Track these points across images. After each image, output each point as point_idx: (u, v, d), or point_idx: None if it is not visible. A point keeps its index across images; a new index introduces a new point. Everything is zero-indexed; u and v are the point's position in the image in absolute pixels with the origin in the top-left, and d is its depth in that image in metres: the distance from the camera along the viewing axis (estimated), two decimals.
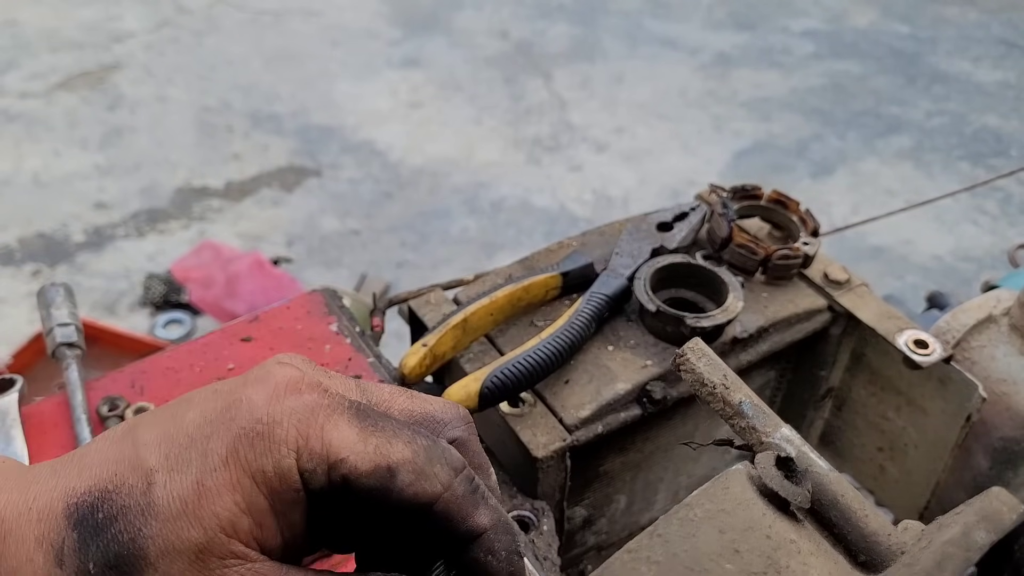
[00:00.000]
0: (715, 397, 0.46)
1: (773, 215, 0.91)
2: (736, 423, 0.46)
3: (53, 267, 2.70)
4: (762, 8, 4.36)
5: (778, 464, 0.42)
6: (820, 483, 0.43)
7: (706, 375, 0.47)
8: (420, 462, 0.37)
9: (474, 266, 2.12)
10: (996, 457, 0.81)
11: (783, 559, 0.39)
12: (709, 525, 0.39)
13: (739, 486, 0.42)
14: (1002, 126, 3.54)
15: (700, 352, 0.47)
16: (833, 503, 0.43)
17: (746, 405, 0.46)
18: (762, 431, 0.45)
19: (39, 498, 0.36)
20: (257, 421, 0.36)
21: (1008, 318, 0.83)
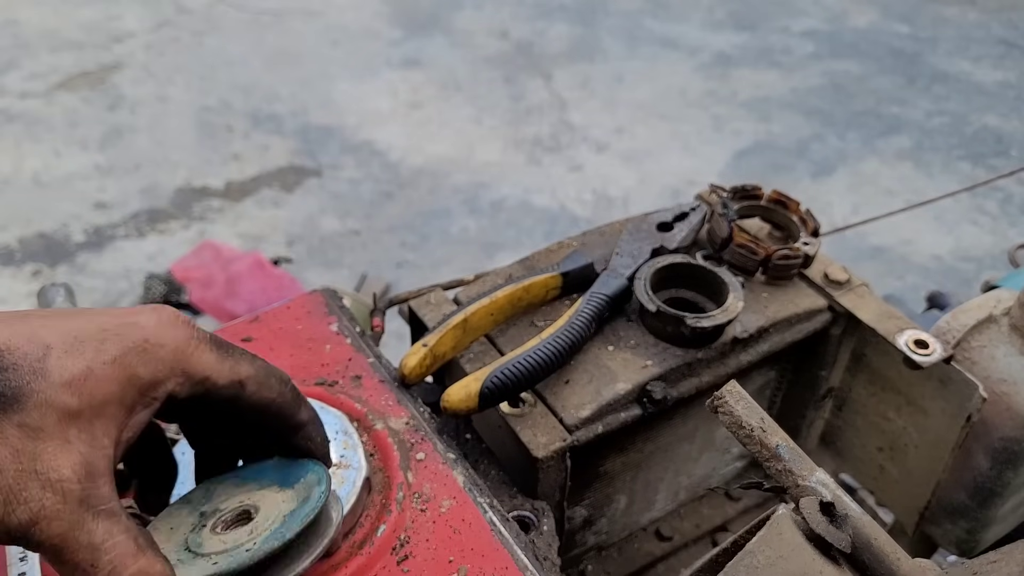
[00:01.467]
0: (752, 440, 0.48)
1: (773, 215, 0.91)
2: (772, 466, 0.48)
3: (53, 267, 2.70)
4: (762, 8, 4.36)
5: (822, 509, 0.44)
6: (855, 527, 0.45)
7: (744, 418, 0.48)
8: (261, 376, 0.52)
9: (474, 266, 2.12)
10: (996, 457, 0.81)
11: None
12: (770, 572, 0.42)
13: (789, 531, 0.44)
14: (1002, 126, 3.54)
15: (738, 395, 0.49)
16: (867, 546, 0.45)
17: (783, 448, 0.47)
18: (798, 475, 0.47)
19: None
20: (145, 340, 0.47)
21: (1008, 318, 0.83)
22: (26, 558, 0.63)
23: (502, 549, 0.61)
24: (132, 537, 0.43)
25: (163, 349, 0.47)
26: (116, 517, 0.43)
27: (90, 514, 0.42)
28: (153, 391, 0.47)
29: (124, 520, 0.44)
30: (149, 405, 0.47)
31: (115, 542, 0.42)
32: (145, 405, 0.47)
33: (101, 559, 0.42)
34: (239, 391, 0.50)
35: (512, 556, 0.61)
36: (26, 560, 0.63)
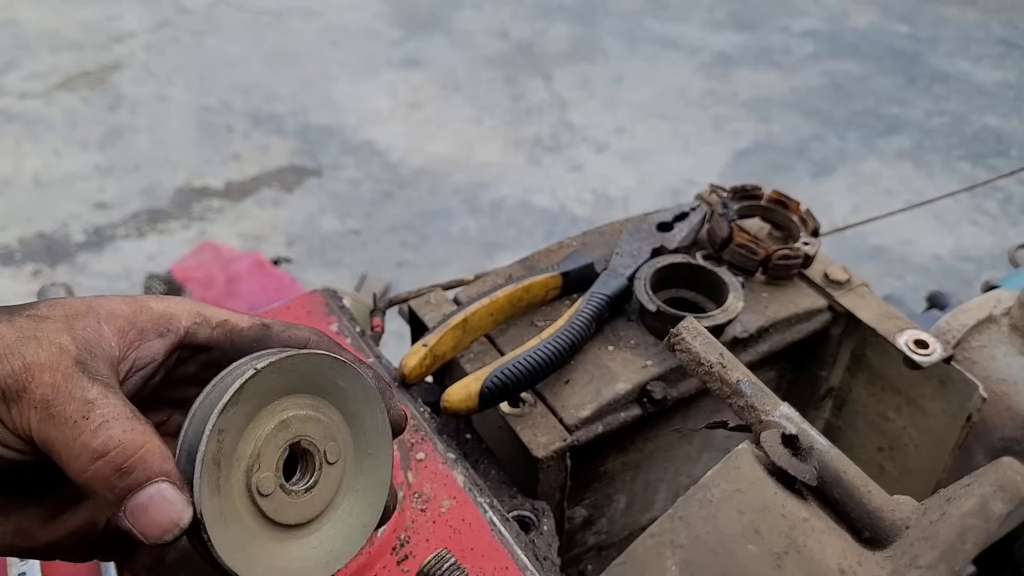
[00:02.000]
0: (712, 376, 0.46)
1: (773, 215, 0.91)
2: (734, 402, 0.45)
3: (53, 267, 2.70)
4: (762, 8, 4.36)
5: (784, 442, 0.42)
6: (823, 459, 0.43)
7: (703, 354, 0.46)
8: (287, 323, 0.49)
9: (474, 266, 2.12)
10: (996, 457, 0.81)
11: (800, 538, 0.39)
12: (728, 506, 0.39)
13: (748, 465, 0.41)
14: (1002, 126, 3.54)
15: (695, 331, 0.47)
16: (836, 481, 0.42)
17: (744, 384, 0.45)
18: (761, 410, 0.44)
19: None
20: (159, 296, 0.47)
21: (1008, 318, 0.83)
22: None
23: (502, 549, 0.61)
24: (129, 408, 0.41)
25: (175, 298, 0.47)
26: (112, 388, 0.41)
27: (85, 375, 0.40)
28: (166, 322, 0.45)
29: (122, 396, 0.41)
30: (163, 335, 0.45)
31: (109, 402, 0.40)
32: (159, 334, 0.45)
33: (93, 412, 0.39)
34: (265, 331, 0.48)
35: (512, 556, 0.61)
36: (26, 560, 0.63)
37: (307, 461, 0.45)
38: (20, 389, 0.39)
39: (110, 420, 0.39)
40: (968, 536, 0.37)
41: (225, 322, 0.47)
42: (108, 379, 0.41)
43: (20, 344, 0.40)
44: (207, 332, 0.47)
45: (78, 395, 0.39)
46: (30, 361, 0.39)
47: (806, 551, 0.38)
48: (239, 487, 0.42)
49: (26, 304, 0.44)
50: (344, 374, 0.45)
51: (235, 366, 0.44)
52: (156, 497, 0.38)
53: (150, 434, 0.40)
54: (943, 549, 0.37)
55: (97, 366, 0.41)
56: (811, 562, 0.38)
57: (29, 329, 0.41)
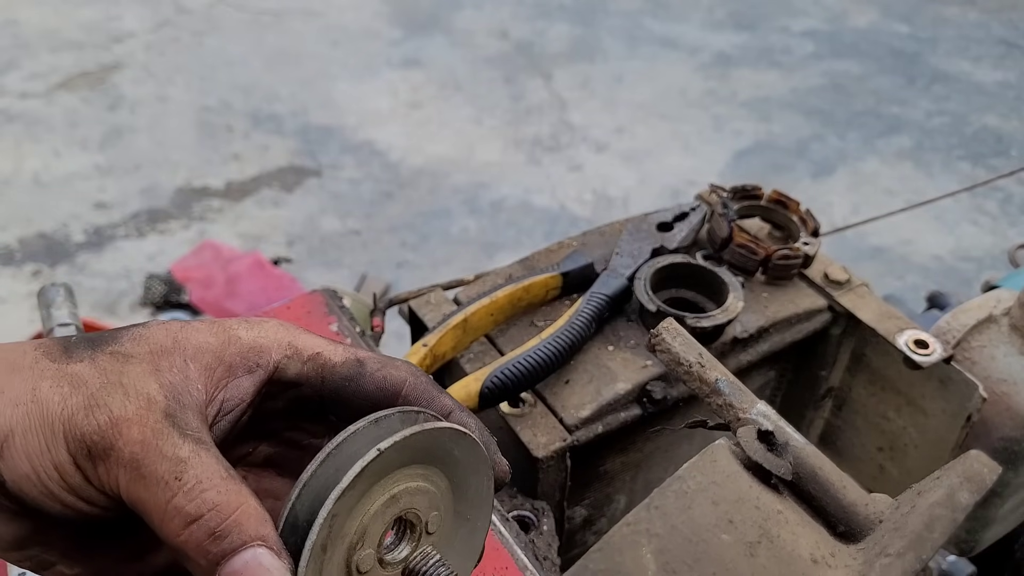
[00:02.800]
0: (691, 376, 0.47)
1: (773, 215, 0.91)
2: (713, 401, 0.46)
3: (53, 267, 2.70)
4: (762, 8, 4.36)
5: (759, 437, 0.43)
6: (798, 455, 0.44)
7: (682, 354, 0.47)
8: (383, 358, 0.45)
9: (474, 266, 2.12)
10: (996, 457, 0.81)
11: (773, 529, 0.40)
12: (702, 497, 0.40)
13: (725, 459, 0.42)
14: (1002, 126, 3.54)
15: (675, 332, 0.48)
16: (811, 476, 0.43)
17: (722, 383, 0.46)
18: (739, 408, 0.46)
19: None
20: (247, 318, 0.45)
21: (1008, 318, 0.83)
22: None
23: (502, 549, 0.61)
24: (223, 466, 0.38)
25: (267, 324, 0.44)
26: (205, 445, 0.38)
27: (176, 430, 0.38)
28: (256, 356, 0.42)
29: (216, 452, 0.38)
30: (252, 371, 0.42)
31: (202, 461, 0.37)
32: (247, 370, 0.42)
33: (185, 472, 0.37)
34: (359, 369, 0.44)
35: (512, 556, 0.61)
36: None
37: (408, 531, 0.43)
38: (107, 447, 0.37)
39: (203, 481, 0.37)
40: (936, 525, 0.38)
41: (317, 355, 0.44)
42: (199, 431, 0.39)
43: (105, 394, 0.38)
44: (297, 367, 0.44)
45: (169, 453, 0.37)
46: (117, 415, 0.37)
47: (779, 541, 0.39)
48: (339, 565, 0.40)
49: (108, 335, 0.41)
50: (461, 444, 0.43)
51: (350, 435, 0.40)
52: (252, 563, 0.36)
53: (246, 495, 0.37)
54: (911, 538, 0.38)
55: (187, 418, 0.39)
56: (783, 551, 0.39)
57: (114, 372, 0.39)
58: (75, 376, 0.39)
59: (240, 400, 0.42)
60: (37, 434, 0.38)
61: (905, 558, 0.37)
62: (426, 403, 0.44)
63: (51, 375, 0.39)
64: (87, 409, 0.38)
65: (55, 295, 0.82)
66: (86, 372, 0.39)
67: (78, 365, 0.39)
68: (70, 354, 0.40)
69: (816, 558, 0.39)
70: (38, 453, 0.38)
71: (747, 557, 0.38)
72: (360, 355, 0.45)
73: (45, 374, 0.39)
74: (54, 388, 0.38)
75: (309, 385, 0.44)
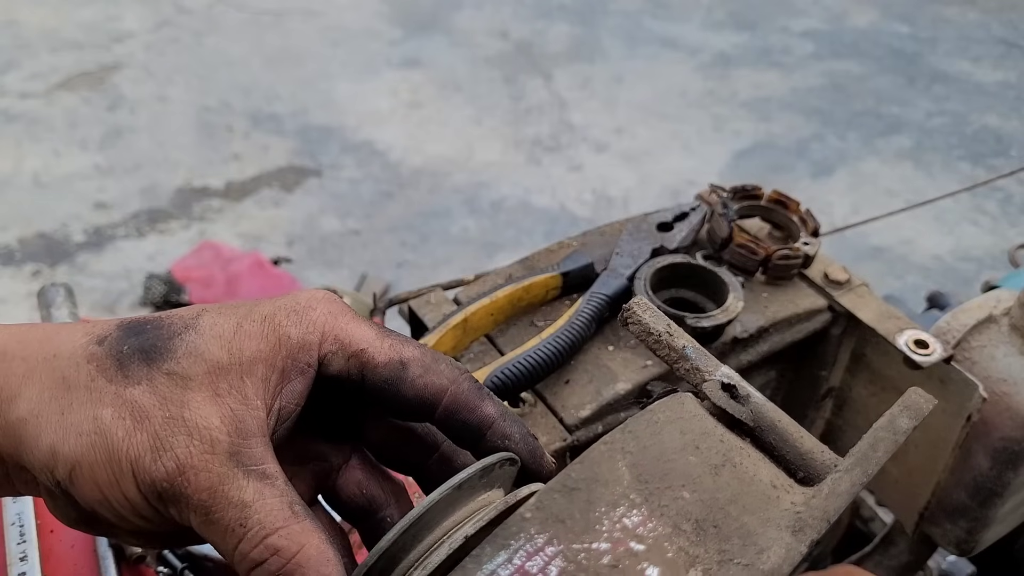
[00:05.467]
0: (661, 344, 0.51)
1: (773, 215, 0.91)
2: (681, 366, 0.50)
3: (53, 267, 2.70)
4: (762, 8, 4.36)
5: (723, 388, 0.47)
6: (759, 410, 0.47)
7: (652, 325, 0.51)
8: (428, 360, 0.44)
9: (474, 266, 2.12)
10: (996, 457, 0.81)
11: (736, 458, 0.44)
12: (671, 427, 0.45)
13: (691, 403, 0.47)
14: (1002, 126, 3.54)
15: (644, 306, 0.52)
16: (771, 427, 0.47)
17: (689, 349, 0.50)
18: (705, 370, 0.49)
19: (99, 323, 0.43)
20: (296, 302, 0.44)
21: (1008, 318, 0.83)
22: (26, 558, 0.63)
23: None
24: (287, 503, 0.39)
25: (314, 312, 0.44)
26: (270, 480, 0.39)
27: (241, 471, 0.38)
28: (305, 355, 0.43)
29: (280, 485, 0.39)
30: (303, 372, 0.43)
31: (266, 503, 0.38)
32: (299, 372, 0.43)
33: (250, 518, 0.38)
34: (400, 373, 0.43)
35: None
36: (26, 560, 0.63)
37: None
38: (177, 494, 0.38)
39: (266, 525, 0.38)
40: (880, 446, 0.45)
41: (361, 352, 0.43)
42: (262, 461, 0.39)
43: (169, 433, 0.38)
44: (340, 364, 0.44)
45: (235, 499, 0.38)
46: (183, 462, 0.38)
47: (741, 467, 0.44)
48: None
49: (162, 344, 0.41)
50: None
51: (432, 506, 0.40)
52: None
53: (309, 533, 0.38)
54: (858, 456, 0.44)
55: (250, 450, 0.39)
56: (745, 475, 0.43)
57: (175, 402, 0.39)
58: (135, 405, 0.39)
59: (295, 406, 0.43)
60: (105, 468, 0.39)
61: (852, 472, 0.43)
62: (467, 413, 0.44)
63: (110, 400, 0.39)
64: (154, 452, 0.38)
65: (55, 295, 0.82)
66: (146, 400, 0.39)
67: (136, 389, 0.39)
68: (126, 373, 0.40)
69: (775, 484, 0.44)
70: (107, 485, 0.39)
71: (712, 475, 0.42)
72: (405, 355, 0.44)
73: (104, 399, 0.39)
74: (116, 419, 0.39)
75: (350, 382, 0.44)
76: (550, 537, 0.38)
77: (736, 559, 0.38)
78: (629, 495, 0.40)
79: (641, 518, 0.39)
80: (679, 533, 0.39)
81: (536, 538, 0.38)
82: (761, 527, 0.40)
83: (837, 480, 0.42)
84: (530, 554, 0.37)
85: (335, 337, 0.43)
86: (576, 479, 0.40)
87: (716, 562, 0.38)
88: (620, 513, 0.39)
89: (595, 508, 0.39)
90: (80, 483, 0.39)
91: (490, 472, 0.43)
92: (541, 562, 0.37)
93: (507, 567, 0.37)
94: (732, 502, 0.41)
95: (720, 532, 0.39)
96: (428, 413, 0.44)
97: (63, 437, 0.39)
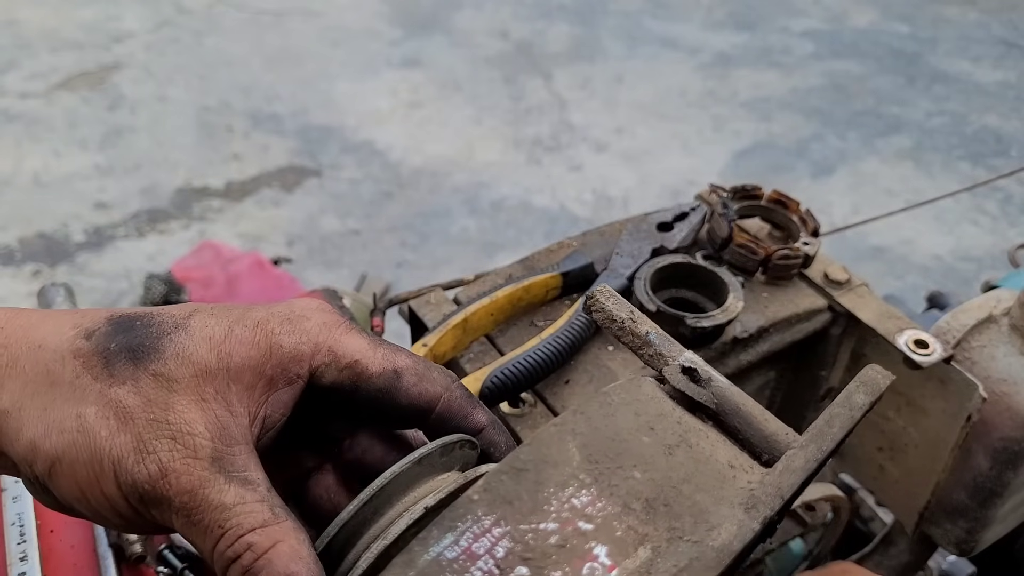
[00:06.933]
0: (624, 331, 0.51)
1: (773, 215, 0.91)
2: (644, 352, 0.50)
3: (53, 267, 2.70)
4: (762, 8, 4.36)
5: (683, 372, 0.47)
6: (722, 394, 0.47)
7: (615, 312, 0.51)
8: (421, 368, 0.45)
9: (474, 266, 2.12)
10: (996, 457, 0.81)
11: (693, 439, 0.43)
12: (626, 409, 0.44)
13: (650, 387, 0.46)
14: (1002, 126, 3.54)
15: (608, 294, 0.52)
16: (735, 411, 0.46)
17: (652, 335, 0.50)
18: (668, 356, 0.49)
19: (88, 314, 0.42)
20: (291, 311, 0.44)
21: (1008, 318, 0.83)
22: (26, 558, 0.63)
23: None
24: (268, 506, 0.39)
25: (308, 322, 0.43)
26: (252, 486, 0.39)
27: (223, 476, 0.39)
28: (296, 365, 0.42)
29: (263, 491, 0.39)
30: (292, 383, 0.42)
31: (247, 506, 0.38)
32: (288, 382, 0.42)
33: (229, 520, 0.38)
34: (394, 382, 0.44)
35: None
36: (26, 560, 0.63)
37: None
38: (159, 497, 0.38)
39: (244, 524, 0.38)
40: (835, 421, 0.44)
41: (355, 363, 0.43)
42: (244, 468, 0.39)
43: (153, 436, 0.38)
44: (333, 375, 0.43)
45: (216, 502, 0.38)
46: (166, 466, 0.38)
47: (697, 448, 0.43)
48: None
49: (150, 343, 0.40)
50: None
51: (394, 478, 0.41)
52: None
53: (285, 532, 0.38)
54: (813, 433, 0.43)
55: (233, 458, 0.39)
56: (701, 455, 0.43)
57: (159, 404, 0.39)
58: (120, 405, 0.39)
59: (282, 415, 0.43)
60: (85, 467, 0.38)
61: (807, 448, 0.42)
62: (459, 421, 0.45)
63: (94, 399, 0.39)
64: (137, 453, 0.38)
65: (55, 295, 0.82)
66: (131, 401, 0.39)
67: (121, 389, 0.39)
68: (112, 371, 0.40)
69: (733, 464, 0.43)
70: (87, 484, 0.39)
71: (665, 456, 0.42)
72: (399, 364, 0.44)
73: (88, 397, 0.39)
74: (100, 419, 0.39)
75: (342, 392, 0.44)
76: (497, 518, 0.37)
77: (686, 536, 0.38)
78: (578, 475, 0.40)
79: (590, 498, 0.39)
80: (629, 512, 0.39)
81: (483, 519, 0.37)
82: (714, 505, 0.40)
83: (792, 456, 0.42)
84: (477, 535, 0.37)
85: (329, 349, 0.43)
86: (525, 460, 0.40)
87: (666, 540, 0.38)
88: (569, 493, 0.39)
89: (543, 489, 0.39)
90: (59, 480, 0.39)
91: (450, 452, 0.43)
92: (488, 543, 0.37)
93: (454, 549, 0.37)
94: (685, 481, 0.41)
95: (671, 510, 0.39)
96: (421, 421, 0.45)
97: (45, 433, 0.39)
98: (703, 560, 0.36)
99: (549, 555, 0.36)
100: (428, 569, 0.36)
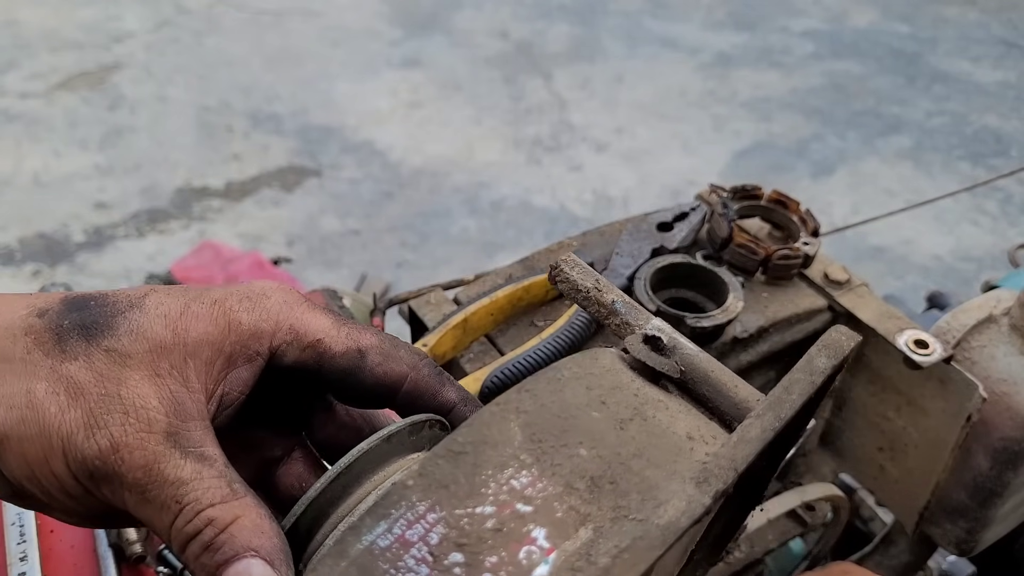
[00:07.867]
0: (590, 300, 0.49)
1: (773, 215, 0.91)
2: (611, 322, 0.48)
3: (53, 267, 2.70)
4: (762, 8, 4.36)
5: (645, 341, 0.44)
6: (690, 362, 0.45)
7: (580, 282, 0.50)
8: (387, 347, 0.44)
9: (474, 266, 2.12)
10: (996, 457, 0.81)
11: (649, 411, 0.41)
12: (576, 383, 0.41)
13: (608, 359, 0.43)
14: (1002, 126, 3.54)
15: (573, 263, 0.50)
16: (704, 378, 0.45)
17: (619, 304, 0.48)
18: (635, 325, 0.47)
19: (44, 296, 0.42)
20: (250, 290, 0.43)
21: (1008, 318, 0.83)
22: (26, 558, 0.63)
23: None
24: (226, 481, 0.38)
25: (268, 300, 0.42)
26: (208, 461, 0.38)
27: (178, 451, 0.37)
28: (256, 343, 0.41)
29: (220, 467, 0.38)
30: (251, 360, 0.41)
31: (204, 482, 0.37)
32: (247, 359, 0.41)
33: (186, 495, 0.37)
34: (359, 361, 0.43)
35: None
36: (26, 560, 0.63)
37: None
38: (110, 472, 0.37)
39: (202, 499, 0.37)
40: (795, 388, 0.42)
41: (318, 343, 0.42)
42: (201, 444, 0.38)
43: (104, 411, 0.37)
44: (296, 354, 0.42)
45: (171, 477, 0.37)
46: (118, 440, 0.37)
47: (653, 420, 0.41)
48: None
49: (103, 321, 0.40)
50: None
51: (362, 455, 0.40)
52: (244, 574, 0.37)
53: (246, 507, 0.38)
54: (771, 401, 0.41)
55: (189, 432, 0.38)
56: (657, 428, 0.40)
57: (111, 379, 0.38)
58: (71, 381, 0.38)
59: (240, 392, 0.42)
60: (34, 443, 0.37)
61: (764, 417, 0.40)
62: (428, 399, 0.44)
63: (45, 375, 0.38)
64: (87, 428, 0.37)
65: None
66: (82, 376, 0.38)
67: (73, 365, 0.38)
68: (64, 347, 0.39)
69: (693, 436, 0.41)
70: (36, 462, 0.38)
71: (616, 430, 0.40)
72: (363, 343, 0.43)
73: (39, 372, 0.38)
74: (50, 394, 0.38)
75: (307, 372, 0.43)
76: (432, 504, 0.36)
77: (632, 515, 0.36)
78: (519, 456, 0.38)
79: (530, 479, 0.37)
80: (571, 492, 0.37)
81: (417, 506, 0.36)
82: (665, 480, 0.38)
83: (747, 427, 0.39)
84: (410, 522, 0.36)
85: (290, 327, 0.42)
86: (463, 443, 0.38)
87: (609, 519, 0.36)
88: (508, 475, 0.37)
89: (481, 471, 0.37)
90: (8, 457, 0.38)
91: (419, 431, 0.43)
92: (422, 530, 0.35)
93: (386, 537, 0.36)
94: (636, 456, 0.39)
95: (617, 488, 0.37)
96: (388, 400, 0.44)
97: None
98: (647, 539, 0.34)
99: (485, 540, 0.35)
100: (360, 559, 0.35)
